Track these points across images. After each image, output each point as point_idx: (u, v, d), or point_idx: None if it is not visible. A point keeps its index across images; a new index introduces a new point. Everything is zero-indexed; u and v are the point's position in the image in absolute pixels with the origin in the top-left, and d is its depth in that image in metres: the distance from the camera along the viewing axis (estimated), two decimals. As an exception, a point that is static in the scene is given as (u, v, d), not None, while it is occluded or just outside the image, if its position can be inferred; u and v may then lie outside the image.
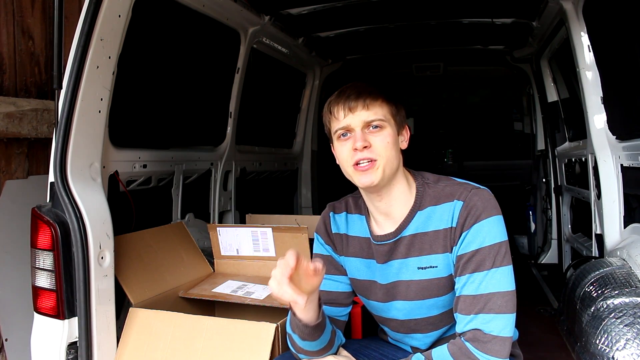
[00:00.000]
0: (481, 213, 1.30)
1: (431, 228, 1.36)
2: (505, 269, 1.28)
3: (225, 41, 2.96)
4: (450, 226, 1.33)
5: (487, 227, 1.29)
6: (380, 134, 1.33)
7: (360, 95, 1.33)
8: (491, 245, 1.28)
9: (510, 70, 4.43)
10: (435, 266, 1.36)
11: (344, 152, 1.35)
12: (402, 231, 1.39)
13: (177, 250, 2.34)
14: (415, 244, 1.38)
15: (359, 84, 1.38)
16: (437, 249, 1.36)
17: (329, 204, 1.57)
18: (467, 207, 1.31)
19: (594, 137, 2.59)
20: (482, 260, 1.27)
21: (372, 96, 1.33)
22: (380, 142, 1.32)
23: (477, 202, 1.31)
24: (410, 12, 3.26)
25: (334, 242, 1.52)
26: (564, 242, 3.83)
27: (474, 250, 1.29)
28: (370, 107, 1.33)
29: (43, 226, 1.73)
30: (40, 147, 2.66)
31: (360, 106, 1.32)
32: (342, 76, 4.46)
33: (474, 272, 1.28)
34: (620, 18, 2.23)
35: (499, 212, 1.32)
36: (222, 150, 3.12)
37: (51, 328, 1.74)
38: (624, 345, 1.72)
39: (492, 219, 1.30)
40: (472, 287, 1.27)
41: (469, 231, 1.30)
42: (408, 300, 1.41)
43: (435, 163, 5.48)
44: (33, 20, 2.69)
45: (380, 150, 1.31)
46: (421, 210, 1.38)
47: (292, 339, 1.41)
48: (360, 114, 1.32)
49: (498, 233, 1.29)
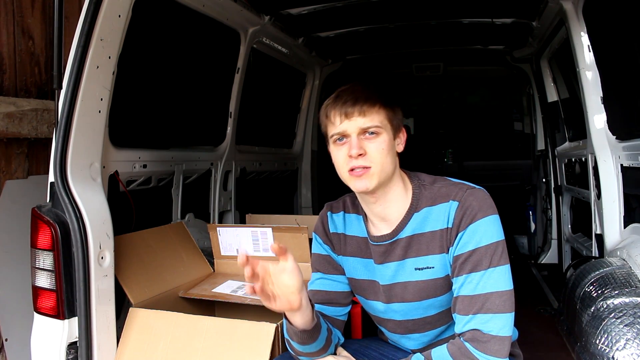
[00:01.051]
0: (477, 213, 1.30)
1: (428, 229, 1.36)
2: (502, 268, 1.28)
3: (225, 41, 2.96)
4: (446, 227, 1.33)
5: (484, 227, 1.29)
6: (376, 141, 1.32)
7: (357, 101, 1.32)
8: (488, 245, 1.28)
9: (510, 70, 4.44)
10: (432, 267, 1.36)
11: (339, 157, 1.35)
12: (399, 233, 1.39)
13: (177, 250, 2.34)
14: (412, 245, 1.38)
15: (357, 87, 1.36)
16: (434, 250, 1.36)
17: (326, 204, 1.57)
18: (463, 207, 1.31)
19: (594, 137, 2.59)
20: (479, 260, 1.27)
21: (369, 102, 1.32)
22: (376, 149, 1.31)
23: (473, 202, 1.31)
24: (410, 12, 3.26)
25: (332, 241, 1.52)
26: (564, 242, 3.83)
27: (470, 251, 1.29)
28: (367, 113, 1.31)
29: (43, 226, 1.73)
30: (40, 147, 2.66)
31: (356, 112, 1.31)
32: (342, 76, 4.46)
33: (471, 272, 1.28)
34: (620, 18, 2.23)
35: (495, 211, 1.32)
36: (222, 150, 3.12)
37: (51, 328, 1.74)
38: (624, 345, 1.72)
39: (488, 219, 1.30)
40: (469, 287, 1.27)
41: (465, 231, 1.30)
42: (406, 301, 1.41)
43: (435, 163, 5.48)
44: (33, 20, 2.69)
45: (375, 157, 1.31)
46: (417, 212, 1.38)
47: (291, 344, 1.41)
48: (357, 121, 1.31)
49: (494, 232, 1.29)
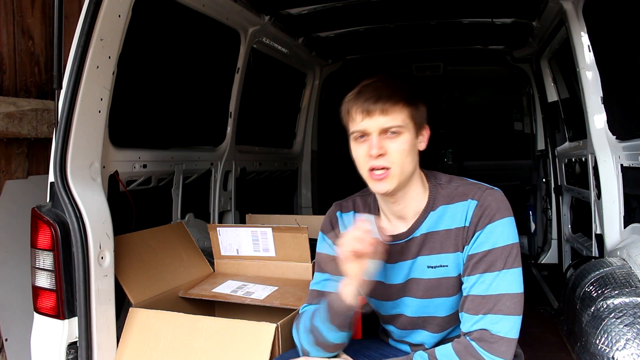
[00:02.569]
0: (495, 213, 1.30)
1: (442, 227, 1.36)
2: (515, 270, 1.28)
3: (225, 41, 2.96)
4: (463, 225, 1.33)
5: (501, 228, 1.29)
6: (397, 141, 1.29)
7: (379, 99, 1.28)
8: (504, 247, 1.28)
9: (510, 70, 4.43)
10: (446, 265, 1.36)
11: (359, 155, 1.33)
12: (414, 232, 1.39)
13: (177, 250, 2.34)
14: (426, 243, 1.38)
15: (380, 83, 1.33)
16: (448, 248, 1.35)
17: (335, 203, 1.55)
18: (482, 207, 1.31)
19: (594, 137, 2.59)
20: (494, 260, 1.27)
21: (392, 100, 1.29)
22: (397, 149, 1.29)
23: (492, 202, 1.31)
24: (410, 12, 3.26)
25: None
26: (564, 242, 3.83)
27: (486, 251, 1.29)
28: (389, 112, 1.28)
29: (43, 226, 1.73)
30: (40, 147, 2.66)
31: (378, 111, 1.28)
32: (342, 76, 4.46)
33: (485, 272, 1.27)
34: (620, 18, 2.23)
35: (511, 213, 1.32)
36: (222, 150, 3.12)
37: (51, 328, 1.74)
38: (624, 345, 1.72)
39: (506, 220, 1.30)
40: (482, 287, 1.27)
41: (483, 231, 1.30)
42: (417, 297, 1.41)
43: (435, 163, 5.47)
44: (33, 20, 2.69)
45: (395, 158, 1.29)
46: (434, 211, 1.38)
47: (320, 332, 1.36)
48: (378, 120, 1.28)
49: (511, 234, 1.30)
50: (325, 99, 4.60)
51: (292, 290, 2.14)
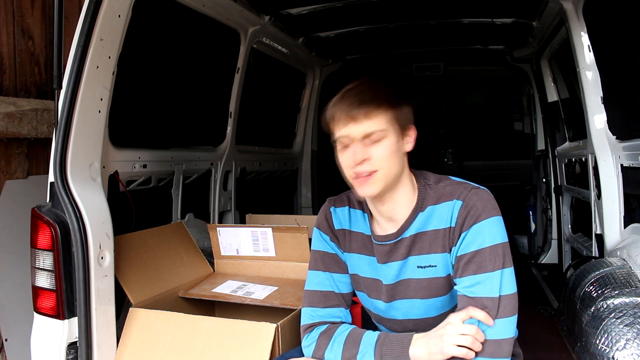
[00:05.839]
0: (481, 213, 1.29)
1: (431, 227, 1.36)
2: (506, 271, 1.27)
3: (225, 41, 2.96)
4: (449, 226, 1.33)
5: (487, 228, 1.28)
6: (381, 145, 1.29)
7: (362, 103, 1.28)
8: (491, 247, 1.27)
9: (511, 70, 4.43)
10: (435, 265, 1.36)
11: (343, 160, 1.32)
12: (403, 233, 1.38)
13: (177, 250, 2.34)
14: (416, 244, 1.37)
15: (363, 86, 1.33)
16: (436, 249, 1.35)
17: (328, 199, 1.55)
18: (467, 207, 1.30)
19: (594, 137, 2.59)
20: (483, 261, 1.26)
21: (375, 103, 1.28)
22: (381, 153, 1.28)
23: (477, 202, 1.30)
24: (410, 12, 3.26)
25: (338, 238, 1.49)
26: (564, 242, 3.83)
27: (473, 252, 1.28)
28: (372, 115, 1.27)
29: (43, 226, 1.73)
30: (40, 147, 2.66)
31: (361, 115, 1.27)
32: (342, 76, 4.45)
33: (476, 274, 1.27)
34: (620, 18, 2.23)
35: (498, 212, 1.31)
36: (222, 150, 3.12)
37: (51, 328, 1.74)
38: (624, 345, 1.72)
39: (492, 220, 1.29)
40: (474, 289, 1.27)
41: (469, 231, 1.29)
42: (407, 298, 1.40)
43: (435, 163, 5.47)
44: (33, 20, 2.69)
45: (380, 162, 1.28)
46: (422, 211, 1.37)
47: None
48: (361, 125, 1.27)
49: (498, 234, 1.28)
50: (325, 99, 4.59)
51: (292, 290, 2.14)
